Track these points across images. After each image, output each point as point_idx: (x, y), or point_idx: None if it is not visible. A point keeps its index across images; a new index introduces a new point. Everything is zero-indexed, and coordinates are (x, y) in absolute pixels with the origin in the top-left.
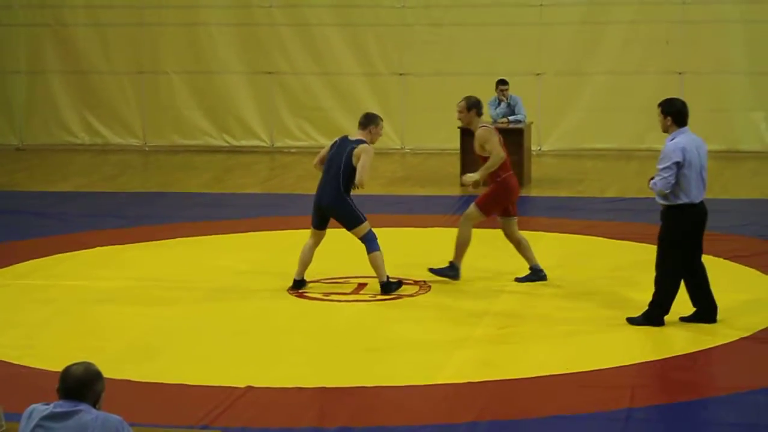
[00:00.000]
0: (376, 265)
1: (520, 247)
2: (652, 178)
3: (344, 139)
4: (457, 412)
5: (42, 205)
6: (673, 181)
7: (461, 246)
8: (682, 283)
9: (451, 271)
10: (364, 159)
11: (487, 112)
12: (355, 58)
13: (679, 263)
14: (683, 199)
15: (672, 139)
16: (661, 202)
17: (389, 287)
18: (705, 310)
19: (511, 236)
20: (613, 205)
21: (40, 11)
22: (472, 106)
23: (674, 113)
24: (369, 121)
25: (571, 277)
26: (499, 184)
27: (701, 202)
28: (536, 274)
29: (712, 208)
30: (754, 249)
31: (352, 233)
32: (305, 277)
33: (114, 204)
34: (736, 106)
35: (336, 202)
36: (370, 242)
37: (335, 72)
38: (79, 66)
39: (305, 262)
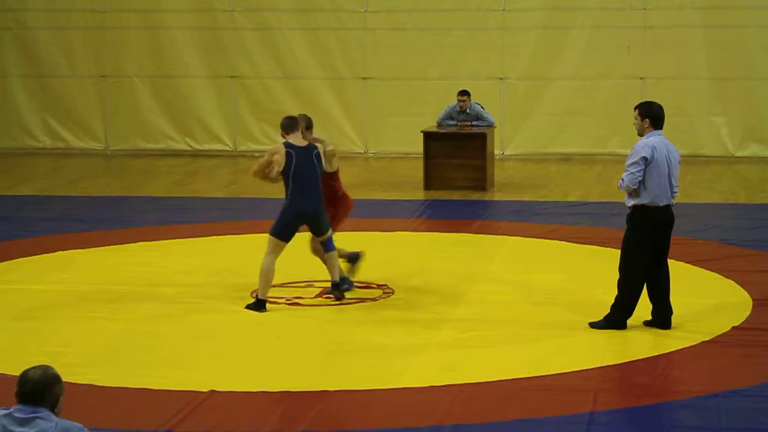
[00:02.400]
0: (333, 265)
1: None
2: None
3: (299, 148)
4: (420, 416)
5: (3, 209)
6: (640, 178)
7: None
8: (614, 270)
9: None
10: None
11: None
12: (317, 62)
13: (642, 266)
14: (645, 199)
15: (645, 139)
16: (627, 202)
17: (340, 287)
18: (660, 316)
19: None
20: (576, 209)
21: (1, 14)
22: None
23: (653, 116)
24: (298, 123)
25: (534, 281)
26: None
27: (667, 206)
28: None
29: (674, 212)
30: (715, 253)
31: (322, 237)
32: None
33: (76, 208)
34: (698, 111)
35: (322, 207)
36: (330, 242)
37: (298, 76)
38: (40, 69)
39: (271, 281)
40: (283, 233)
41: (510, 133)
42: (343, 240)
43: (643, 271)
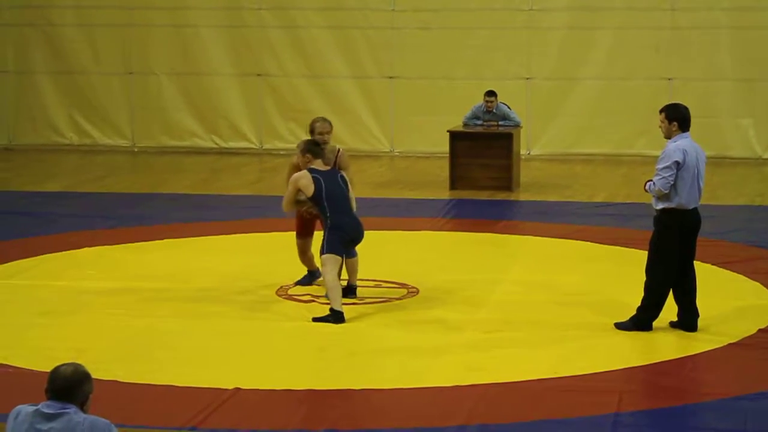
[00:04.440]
0: (355, 270)
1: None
2: (649, 181)
3: (323, 172)
4: (445, 415)
5: (30, 205)
6: (672, 181)
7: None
8: (640, 271)
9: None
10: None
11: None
12: (344, 60)
13: (670, 269)
14: (676, 202)
15: (673, 142)
16: (656, 205)
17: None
18: (686, 318)
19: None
20: (601, 210)
21: (29, 11)
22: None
23: (680, 119)
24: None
25: (558, 281)
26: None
27: (695, 209)
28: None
29: (700, 214)
30: (741, 255)
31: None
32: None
33: (102, 205)
34: (725, 113)
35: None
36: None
37: (324, 74)
38: (67, 66)
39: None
40: (338, 250)
41: (536, 133)
42: (369, 238)
43: (671, 273)
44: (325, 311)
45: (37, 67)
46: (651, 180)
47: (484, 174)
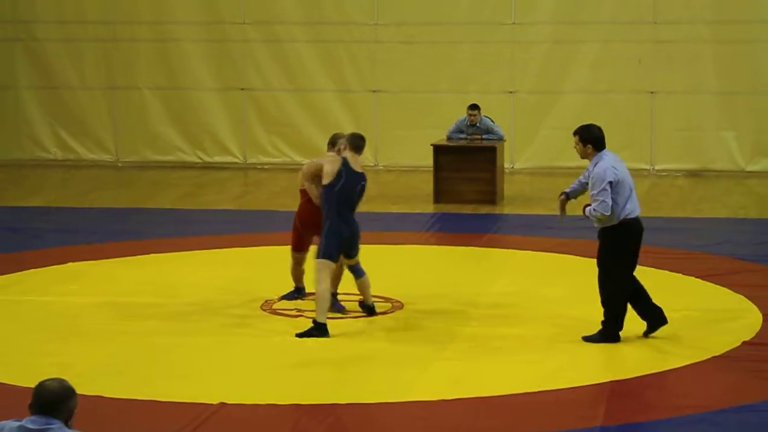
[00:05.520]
0: (368, 287)
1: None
2: (587, 206)
3: (352, 169)
4: (432, 429)
5: (14, 220)
6: (610, 203)
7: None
8: (586, 289)
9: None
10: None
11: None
12: (327, 74)
13: (625, 279)
14: (620, 217)
15: (596, 163)
16: (602, 225)
17: (373, 308)
18: (654, 318)
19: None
20: (585, 223)
21: (12, 25)
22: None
23: (594, 140)
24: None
25: (543, 294)
26: None
27: (637, 217)
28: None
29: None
30: (725, 268)
31: (351, 260)
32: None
33: (87, 220)
34: (708, 126)
35: (358, 231)
36: (358, 267)
37: (308, 88)
38: (51, 81)
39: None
40: (333, 255)
41: (520, 147)
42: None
43: (626, 283)
44: (308, 325)
45: (21, 81)
46: (589, 205)
47: (468, 188)
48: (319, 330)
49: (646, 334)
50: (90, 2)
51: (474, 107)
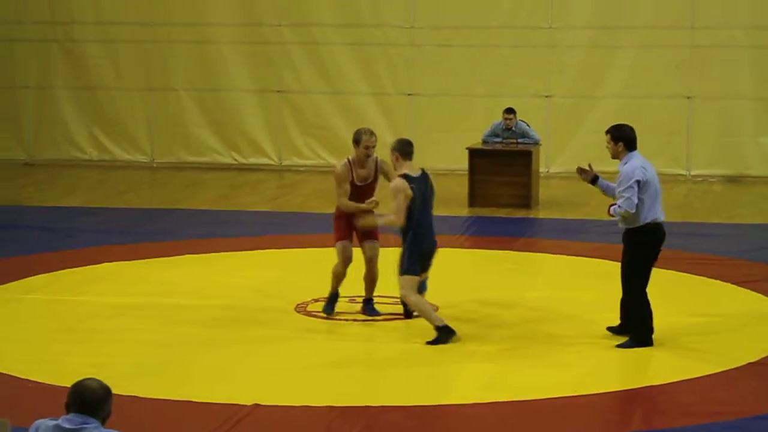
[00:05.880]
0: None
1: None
2: (612, 205)
3: (415, 178)
4: None
5: (50, 220)
6: (636, 201)
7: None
8: (618, 295)
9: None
10: None
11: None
12: (363, 77)
13: (645, 281)
14: (649, 218)
15: (625, 162)
16: (626, 225)
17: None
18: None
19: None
20: (620, 228)
21: (51, 27)
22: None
23: (625, 139)
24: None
25: (577, 299)
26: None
27: (662, 222)
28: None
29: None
30: (762, 274)
31: (424, 273)
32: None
33: (121, 220)
34: (745, 131)
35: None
36: (424, 282)
37: (344, 91)
38: (88, 82)
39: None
40: (416, 269)
41: (555, 151)
42: (389, 256)
43: (645, 284)
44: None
45: (58, 82)
46: (614, 204)
47: (503, 191)
48: (443, 332)
49: (612, 329)
50: (127, 4)
51: (510, 111)
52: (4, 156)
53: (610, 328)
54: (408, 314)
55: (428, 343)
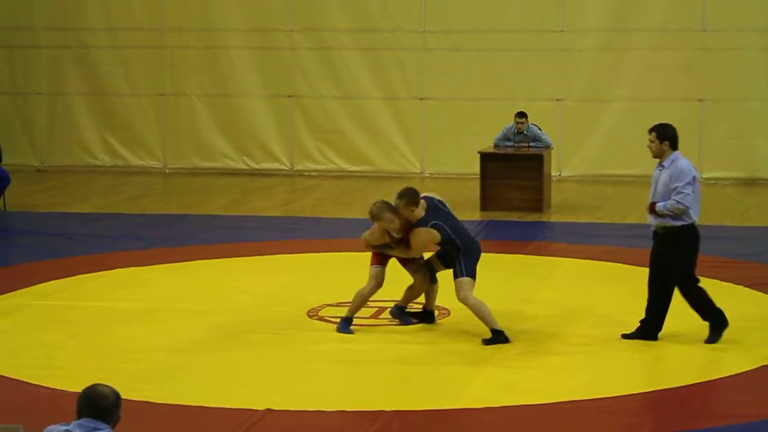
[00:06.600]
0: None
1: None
2: (653, 204)
3: (433, 215)
4: None
5: (62, 226)
6: (692, 197)
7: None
8: (647, 293)
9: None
10: None
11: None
12: (375, 81)
13: (695, 277)
14: (693, 217)
15: (673, 161)
16: (671, 223)
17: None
18: (648, 329)
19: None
20: (633, 231)
21: (62, 33)
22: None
23: (671, 138)
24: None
25: (589, 303)
26: None
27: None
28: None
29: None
30: None
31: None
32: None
33: (134, 226)
34: (757, 134)
35: None
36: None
37: (355, 96)
38: (100, 88)
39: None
40: (473, 272)
41: (567, 155)
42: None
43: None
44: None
45: (70, 88)
46: (656, 202)
47: (515, 195)
48: (498, 335)
49: (627, 334)
50: (139, 10)
51: (521, 115)
52: (17, 162)
53: (625, 335)
54: (421, 317)
55: (487, 342)
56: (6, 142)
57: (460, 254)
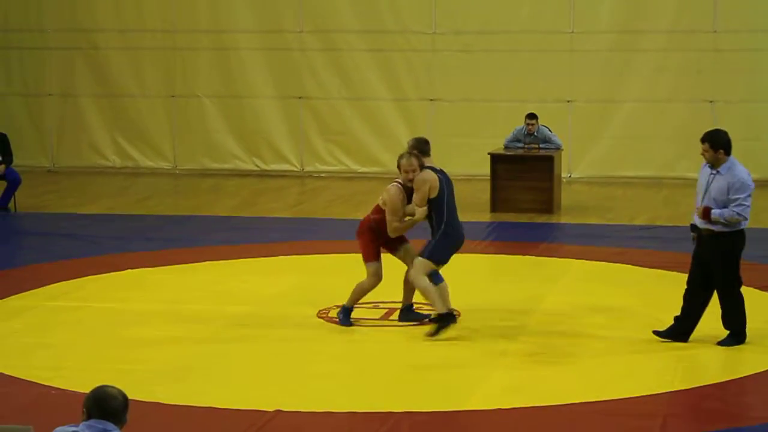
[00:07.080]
0: (444, 295)
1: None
2: (707, 209)
3: (442, 172)
4: None
5: (72, 227)
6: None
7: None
8: (681, 294)
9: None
10: None
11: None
12: (385, 83)
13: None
14: (745, 224)
15: (729, 168)
16: (720, 228)
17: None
18: (680, 331)
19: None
20: (642, 232)
21: (74, 35)
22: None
23: (725, 144)
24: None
25: (599, 304)
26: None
27: None
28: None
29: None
30: None
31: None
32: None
33: (144, 227)
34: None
35: None
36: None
37: (365, 97)
38: (111, 89)
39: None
40: (441, 260)
41: (577, 156)
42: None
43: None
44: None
45: (81, 89)
46: (714, 208)
47: (525, 197)
48: (443, 320)
49: (658, 332)
50: (150, 11)
51: (532, 116)
52: (27, 163)
53: (656, 332)
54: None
55: (428, 335)
56: (17, 143)
57: (437, 233)
